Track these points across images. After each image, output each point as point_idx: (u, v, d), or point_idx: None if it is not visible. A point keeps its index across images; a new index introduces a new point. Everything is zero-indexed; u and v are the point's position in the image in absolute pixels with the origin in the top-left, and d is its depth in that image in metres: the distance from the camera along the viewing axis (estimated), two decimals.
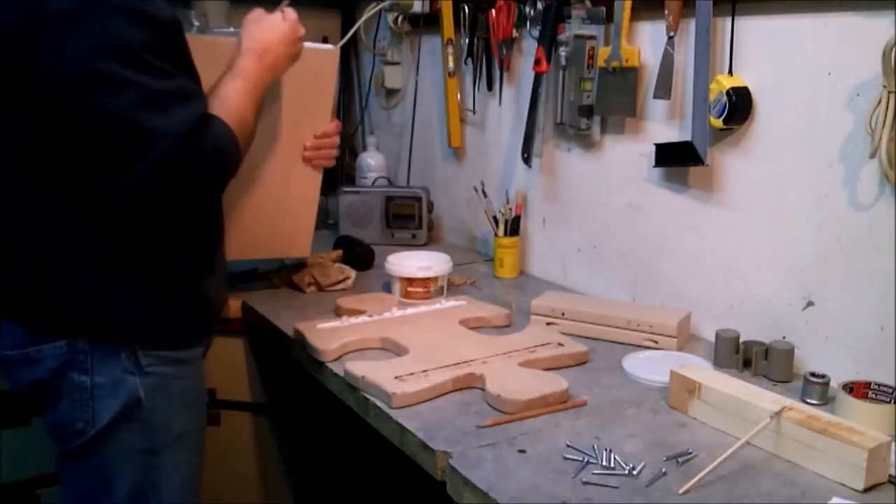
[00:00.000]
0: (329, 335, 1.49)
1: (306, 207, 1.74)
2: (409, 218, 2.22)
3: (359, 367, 1.35)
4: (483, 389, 1.29)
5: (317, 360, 1.45)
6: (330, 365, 1.43)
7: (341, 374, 1.38)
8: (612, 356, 1.46)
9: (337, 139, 1.69)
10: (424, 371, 1.32)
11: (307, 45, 1.49)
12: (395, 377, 1.30)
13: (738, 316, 1.50)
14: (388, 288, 1.78)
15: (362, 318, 1.57)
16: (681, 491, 1.02)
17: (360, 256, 2.00)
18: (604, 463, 1.09)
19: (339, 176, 2.47)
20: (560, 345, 1.45)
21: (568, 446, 1.13)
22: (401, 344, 1.45)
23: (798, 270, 1.40)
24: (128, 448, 1.25)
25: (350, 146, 2.68)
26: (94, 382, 1.22)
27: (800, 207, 1.39)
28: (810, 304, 1.39)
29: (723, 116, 1.44)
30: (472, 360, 1.36)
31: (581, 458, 1.10)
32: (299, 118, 1.64)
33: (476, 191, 2.01)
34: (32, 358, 1.23)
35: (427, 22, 2.27)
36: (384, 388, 1.27)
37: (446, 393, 1.30)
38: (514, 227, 1.97)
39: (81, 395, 1.22)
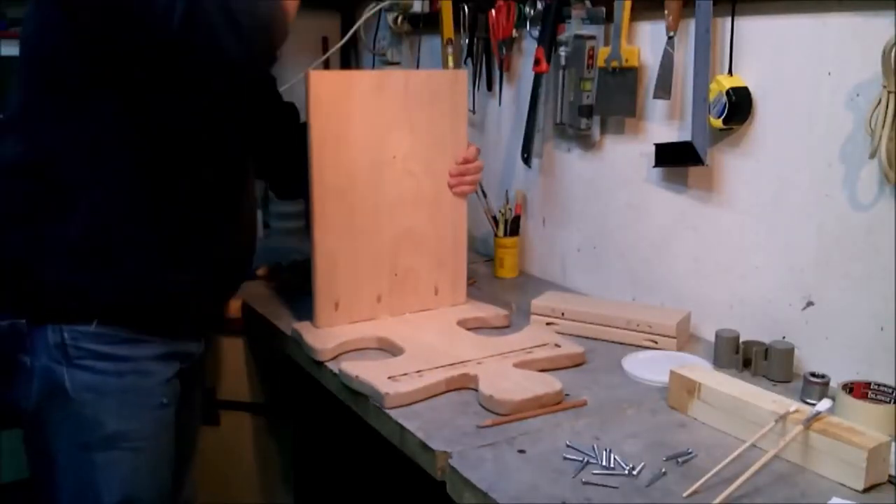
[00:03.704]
0: (326, 335, 1.49)
1: (458, 245, 1.66)
2: None
3: (353, 367, 1.34)
4: (476, 390, 1.29)
5: (314, 359, 1.45)
6: (328, 365, 1.43)
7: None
8: (612, 356, 1.45)
9: (480, 163, 1.63)
10: (418, 371, 1.32)
11: (434, 71, 1.44)
12: (389, 377, 1.30)
13: (738, 316, 1.50)
14: None
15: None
16: (685, 494, 1.02)
17: None
18: (603, 463, 1.09)
19: None
20: (557, 346, 1.44)
21: (568, 446, 1.13)
22: (397, 344, 1.45)
23: (798, 270, 1.40)
24: (64, 439, 1.27)
25: None
26: (33, 365, 1.26)
27: (800, 207, 1.39)
28: (810, 304, 1.39)
29: (723, 116, 1.43)
30: (466, 361, 1.36)
31: (581, 459, 1.10)
32: (441, 144, 1.59)
33: (476, 191, 2.01)
34: None
35: (427, 22, 2.27)
36: (377, 389, 1.27)
37: (440, 393, 1.30)
38: (513, 227, 1.97)
39: (23, 375, 1.27)
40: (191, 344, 1.43)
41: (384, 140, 1.53)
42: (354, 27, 2.36)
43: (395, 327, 1.53)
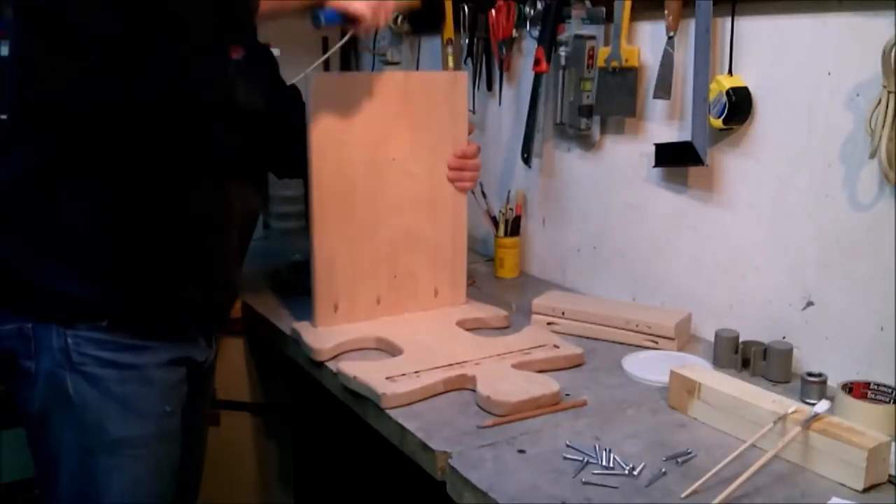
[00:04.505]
0: (325, 335, 1.49)
1: (458, 246, 1.67)
2: None
3: (351, 368, 1.35)
4: (474, 391, 1.29)
5: (314, 359, 1.45)
6: (328, 365, 1.43)
7: None
8: (612, 356, 1.45)
9: (478, 161, 1.64)
10: (416, 372, 1.32)
11: (434, 73, 1.47)
12: (387, 378, 1.30)
13: (738, 316, 1.50)
14: None
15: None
16: (683, 495, 1.02)
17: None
18: (604, 463, 1.09)
19: None
20: (556, 346, 1.44)
21: (568, 446, 1.13)
22: (395, 344, 1.45)
23: (798, 270, 1.40)
24: (67, 444, 1.27)
25: None
26: (36, 370, 1.25)
27: (800, 207, 1.39)
28: (810, 304, 1.39)
29: (723, 116, 1.44)
30: (464, 362, 1.36)
31: (581, 459, 1.10)
32: (440, 146, 1.60)
33: (473, 192, 2.01)
34: None
35: None
36: (374, 389, 1.27)
37: (438, 394, 1.30)
38: (514, 228, 1.97)
39: (26, 380, 1.27)
40: (196, 349, 1.42)
41: (383, 142, 1.53)
42: None
43: (393, 327, 1.53)
